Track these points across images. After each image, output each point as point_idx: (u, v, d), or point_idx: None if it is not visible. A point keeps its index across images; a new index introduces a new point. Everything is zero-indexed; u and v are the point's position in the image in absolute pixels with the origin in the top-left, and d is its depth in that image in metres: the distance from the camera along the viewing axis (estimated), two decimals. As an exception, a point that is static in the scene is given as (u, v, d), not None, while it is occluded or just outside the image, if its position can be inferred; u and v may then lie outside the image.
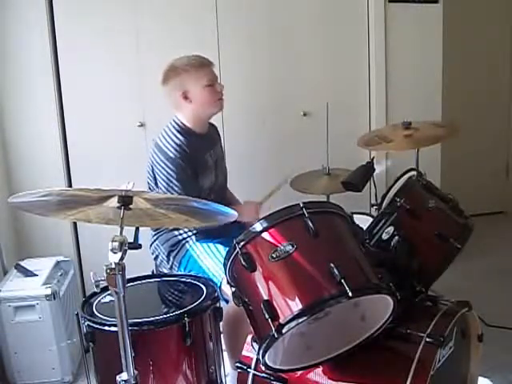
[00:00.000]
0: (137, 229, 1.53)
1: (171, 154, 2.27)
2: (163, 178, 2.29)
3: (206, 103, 2.35)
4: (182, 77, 2.31)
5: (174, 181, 2.26)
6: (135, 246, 1.47)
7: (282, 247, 1.55)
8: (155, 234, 2.45)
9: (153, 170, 2.35)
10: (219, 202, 2.40)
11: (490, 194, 4.54)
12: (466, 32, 4.23)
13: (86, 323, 1.80)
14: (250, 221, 2.36)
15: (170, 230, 2.39)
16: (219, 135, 2.62)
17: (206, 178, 2.40)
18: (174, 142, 2.30)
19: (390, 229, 1.98)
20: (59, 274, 2.77)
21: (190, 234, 2.38)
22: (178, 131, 2.33)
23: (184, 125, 2.36)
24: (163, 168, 2.29)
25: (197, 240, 2.36)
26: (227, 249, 1.69)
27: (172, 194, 2.25)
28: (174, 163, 2.26)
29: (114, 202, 1.46)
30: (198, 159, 2.34)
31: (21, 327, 2.52)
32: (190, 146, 2.31)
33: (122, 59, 3.17)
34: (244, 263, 1.59)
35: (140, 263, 2.07)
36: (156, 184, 2.35)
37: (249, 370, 1.75)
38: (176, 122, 2.36)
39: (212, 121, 2.64)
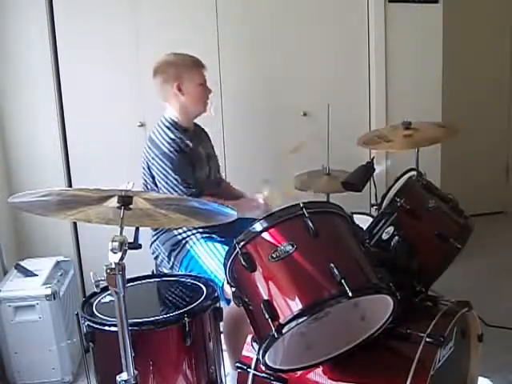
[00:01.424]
0: (137, 229, 1.53)
1: (165, 149, 2.32)
2: (160, 172, 2.32)
3: (196, 100, 2.44)
4: (180, 70, 2.39)
5: (172, 173, 2.30)
6: (135, 246, 1.47)
7: (282, 247, 1.55)
8: (155, 234, 2.45)
9: (148, 167, 2.38)
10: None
11: (489, 194, 4.55)
12: (466, 32, 4.23)
13: (86, 323, 1.80)
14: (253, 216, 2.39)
15: (171, 229, 2.39)
16: (207, 135, 2.64)
17: (201, 170, 2.45)
18: (168, 137, 2.35)
19: (390, 229, 1.98)
20: (59, 273, 2.77)
21: (189, 233, 2.39)
22: (171, 124, 2.40)
23: (173, 120, 2.41)
24: (159, 163, 2.32)
25: (201, 237, 2.37)
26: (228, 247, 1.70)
27: (170, 185, 2.29)
28: (169, 157, 2.31)
29: (113, 202, 1.46)
30: (191, 151, 2.39)
31: (21, 327, 2.52)
32: (183, 140, 2.37)
33: (121, 59, 3.18)
34: (244, 263, 1.59)
35: (140, 263, 2.07)
36: (152, 179, 2.38)
37: (249, 370, 1.75)
38: (166, 118, 2.42)
39: (212, 120, 2.65)
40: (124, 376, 1.47)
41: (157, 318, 1.79)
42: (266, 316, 1.49)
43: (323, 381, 1.69)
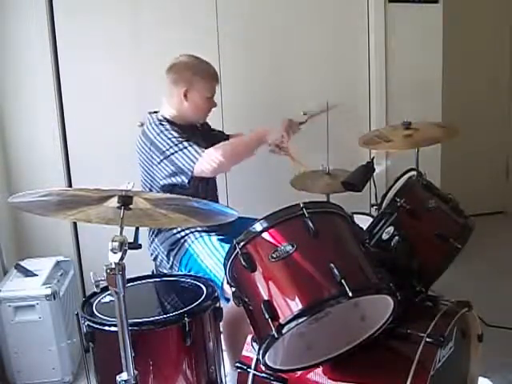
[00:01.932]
0: (137, 229, 1.53)
1: (155, 135, 2.31)
2: (159, 156, 2.30)
3: (198, 111, 2.44)
4: (194, 77, 2.38)
5: (171, 148, 2.27)
6: (135, 246, 1.47)
7: (282, 247, 1.55)
8: (153, 234, 2.45)
9: (145, 163, 2.37)
10: (207, 191, 2.46)
11: (490, 194, 4.55)
12: (466, 32, 4.24)
13: (86, 323, 1.80)
14: (277, 137, 2.40)
15: (168, 228, 2.39)
16: (209, 126, 2.65)
17: None
18: (159, 129, 2.33)
19: (390, 229, 1.98)
20: (59, 273, 2.77)
21: (187, 231, 2.38)
22: (162, 121, 2.37)
23: (166, 118, 2.40)
24: (155, 150, 2.30)
25: (200, 235, 2.36)
26: (228, 245, 1.69)
27: (179, 156, 2.26)
28: (163, 137, 2.29)
29: (114, 202, 1.46)
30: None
31: (21, 327, 2.52)
32: (173, 132, 2.34)
33: (122, 59, 3.17)
34: (244, 263, 1.59)
35: (140, 263, 2.07)
36: (148, 172, 2.37)
37: (249, 370, 1.75)
38: (158, 116, 2.41)
39: (212, 120, 2.65)
40: (124, 376, 1.47)
41: (157, 317, 1.79)
42: (266, 316, 1.49)
43: (323, 381, 1.69)
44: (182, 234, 2.39)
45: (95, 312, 1.84)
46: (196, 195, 2.16)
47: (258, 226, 1.61)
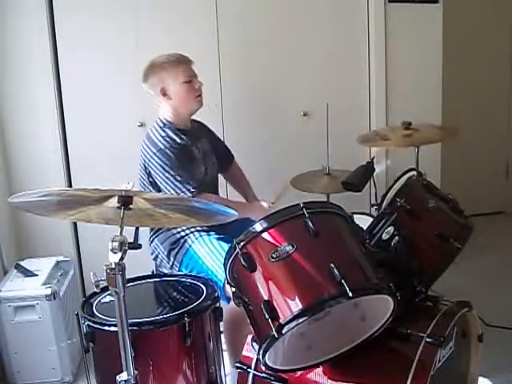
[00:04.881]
0: (137, 229, 1.53)
1: (161, 145, 2.33)
2: (157, 169, 2.32)
3: (184, 100, 2.40)
4: (160, 74, 2.37)
5: (168, 170, 2.29)
6: (135, 246, 1.48)
7: (282, 247, 1.55)
8: (153, 234, 2.45)
9: (144, 165, 2.38)
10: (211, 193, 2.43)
11: (490, 194, 4.54)
12: (466, 32, 4.23)
13: (86, 323, 1.80)
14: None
15: (169, 228, 2.39)
16: (207, 128, 2.65)
17: (195, 170, 2.42)
18: (165, 133, 2.36)
19: (390, 229, 1.98)
20: (59, 273, 2.77)
21: (187, 231, 2.38)
22: (164, 125, 2.39)
23: (167, 120, 2.41)
24: (156, 160, 2.32)
25: (199, 235, 2.37)
26: (228, 245, 1.69)
27: (168, 182, 2.29)
28: (165, 153, 2.31)
29: (113, 202, 1.46)
30: (184, 151, 2.38)
31: (21, 327, 2.52)
32: (177, 139, 2.36)
33: (122, 59, 3.17)
34: (244, 263, 1.59)
35: (140, 263, 2.07)
36: (148, 177, 2.38)
37: (249, 370, 1.75)
38: (161, 119, 2.42)
39: (212, 120, 2.65)
40: (124, 376, 1.48)
41: (157, 318, 1.79)
42: (266, 316, 1.49)
43: (323, 381, 1.69)
44: (182, 233, 2.39)
45: (95, 312, 1.84)
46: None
47: (257, 226, 1.61)
